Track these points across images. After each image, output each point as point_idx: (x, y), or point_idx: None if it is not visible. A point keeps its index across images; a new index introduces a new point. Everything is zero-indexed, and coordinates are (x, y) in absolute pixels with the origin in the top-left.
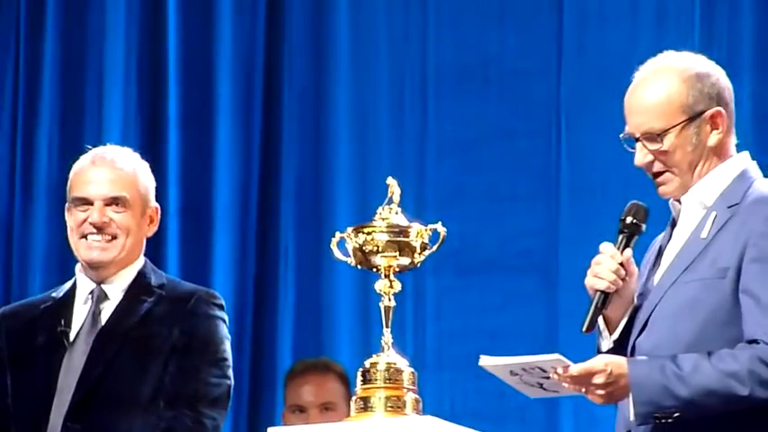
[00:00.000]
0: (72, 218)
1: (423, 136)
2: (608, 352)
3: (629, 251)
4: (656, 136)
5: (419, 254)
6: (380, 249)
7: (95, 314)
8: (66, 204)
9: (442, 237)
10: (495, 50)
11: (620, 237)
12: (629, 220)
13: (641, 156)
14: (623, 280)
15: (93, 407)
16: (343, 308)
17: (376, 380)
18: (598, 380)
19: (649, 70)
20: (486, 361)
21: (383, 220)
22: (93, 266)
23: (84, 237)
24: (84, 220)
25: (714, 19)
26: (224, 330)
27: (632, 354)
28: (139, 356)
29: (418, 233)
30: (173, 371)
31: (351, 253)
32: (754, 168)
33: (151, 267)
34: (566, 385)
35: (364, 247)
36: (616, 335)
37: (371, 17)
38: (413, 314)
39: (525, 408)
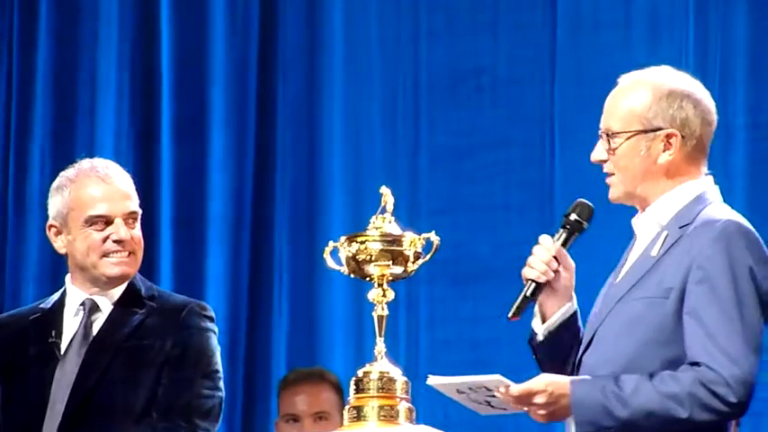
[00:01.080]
0: (84, 237)
1: (416, 145)
2: (540, 344)
3: (559, 245)
4: (610, 136)
5: (412, 263)
6: (373, 258)
7: (87, 325)
8: (57, 222)
9: (435, 246)
10: (489, 59)
11: (561, 231)
12: (572, 216)
13: (597, 152)
14: (555, 272)
15: (85, 418)
16: (337, 317)
17: (369, 389)
18: (539, 400)
19: (632, 76)
20: (433, 380)
21: (376, 229)
22: (113, 282)
23: (106, 255)
24: (106, 238)
25: (708, 29)
26: (215, 342)
27: (578, 370)
28: (132, 368)
29: (411, 242)
30: (166, 382)
31: (344, 262)
32: (713, 192)
33: (140, 278)
34: None
35: (357, 256)
36: (549, 325)
37: (364, 27)
38: (406, 323)
39: (520, 417)
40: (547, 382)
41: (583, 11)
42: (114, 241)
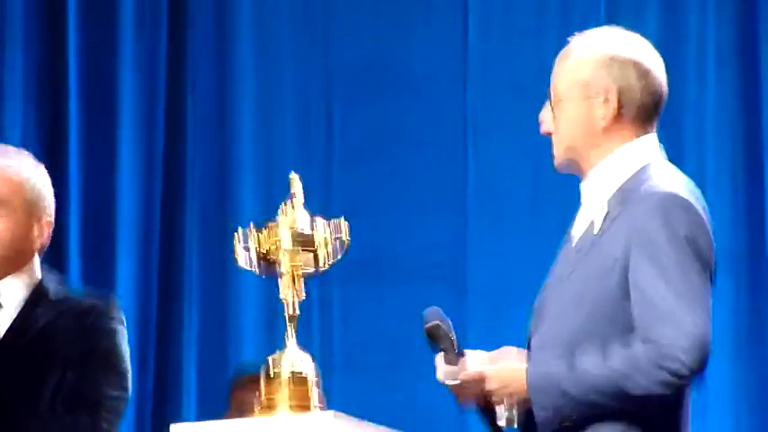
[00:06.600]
0: None
1: (329, 145)
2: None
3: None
4: (552, 102)
5: (324, 264)
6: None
7: None
8: None
9: (345, 246)
10: (401, 58)
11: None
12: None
13: (544, 117)
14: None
15: None
16: (249, 314)
17: (279, 376)
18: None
19: (581, 39)
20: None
21: (285, 216)
22: None
23: None
24: None
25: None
26: (124, 343)
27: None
28: (37, 371)
29: (324, 242)
30: (71, 379)
31: (255, 260)
32: (656, 156)
33: (50, 279)
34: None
35: (269, 257)
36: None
37: (277, 22)
38: (320, 326)
39: (437, 402)
40: (498, 368)
41: (494, 10)
42: None
